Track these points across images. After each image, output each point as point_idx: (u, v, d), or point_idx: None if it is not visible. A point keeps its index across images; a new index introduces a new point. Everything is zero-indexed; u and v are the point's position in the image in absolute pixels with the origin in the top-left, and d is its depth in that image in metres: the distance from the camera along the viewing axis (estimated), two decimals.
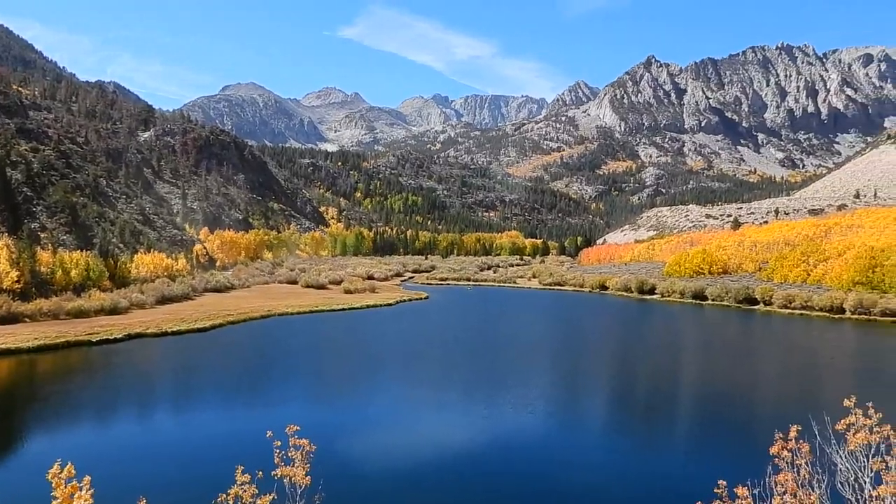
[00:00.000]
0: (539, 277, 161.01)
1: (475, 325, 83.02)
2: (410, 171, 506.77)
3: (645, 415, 40.23)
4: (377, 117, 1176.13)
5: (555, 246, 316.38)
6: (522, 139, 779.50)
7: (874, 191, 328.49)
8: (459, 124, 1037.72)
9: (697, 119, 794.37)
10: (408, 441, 32.97)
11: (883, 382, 48.04)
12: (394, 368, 53.44)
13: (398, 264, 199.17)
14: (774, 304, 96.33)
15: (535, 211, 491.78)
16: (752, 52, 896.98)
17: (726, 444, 32.52)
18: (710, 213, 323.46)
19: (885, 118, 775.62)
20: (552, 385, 48.50)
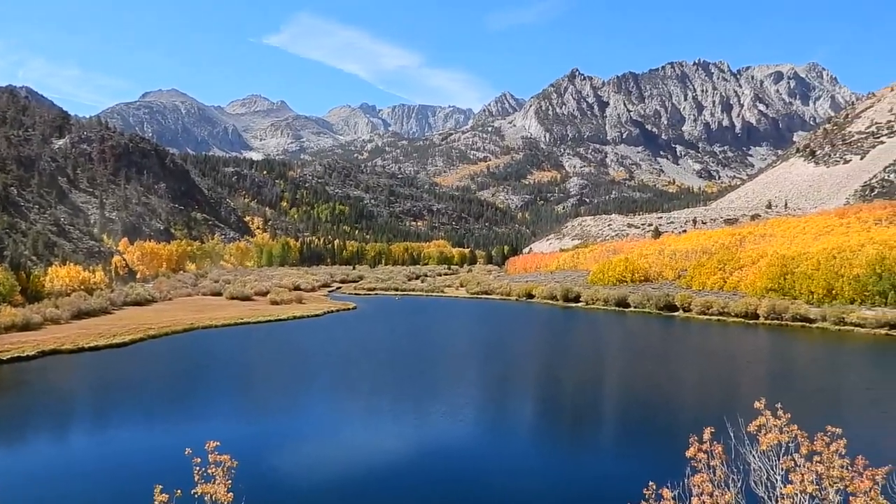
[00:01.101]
0: (467, 286, 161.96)
1: (404, 335, 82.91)
2: (338, 180, 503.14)
3: (572, 420, 40.95)
4: (303, 126, 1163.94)
5: (482, 255, 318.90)
6: (450, 149, 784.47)
7: (784, 201, 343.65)
8: (387, 134, 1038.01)
9: (619, 131, 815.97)
10: (337, 452, 32.66)
11: (792, 384, 50.24)
12: (322, 379, 52.86)
13: (325, 274, 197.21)
14: (693, 310, 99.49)
15: (462, 220, 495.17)
16: (671, 67, 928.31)
17: (650, 446, 33.37)
18: (632, 222, 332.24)
19: (794, 132, 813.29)
20: (481, 392, 48.85)
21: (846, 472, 9.41)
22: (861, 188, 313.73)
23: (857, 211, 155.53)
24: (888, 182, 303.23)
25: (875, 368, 60.23)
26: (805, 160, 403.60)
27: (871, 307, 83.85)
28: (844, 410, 41.29)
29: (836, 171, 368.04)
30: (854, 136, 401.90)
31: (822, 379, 53.89)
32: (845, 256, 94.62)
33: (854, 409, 42.02)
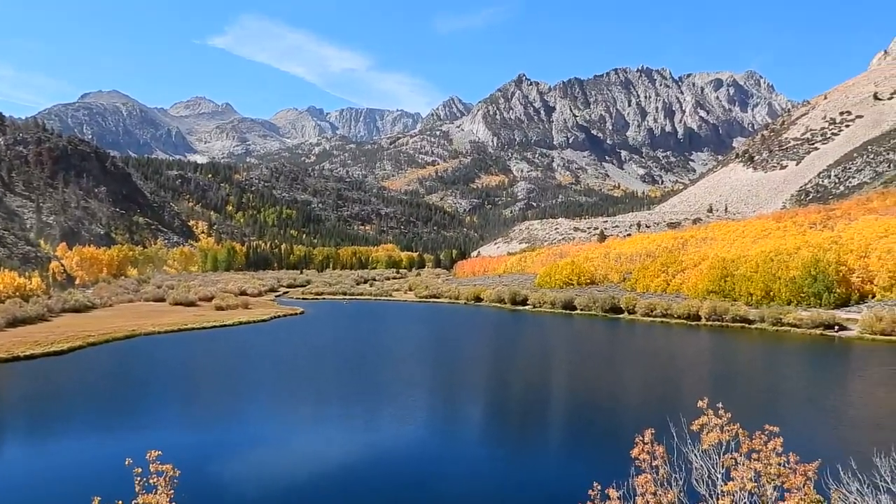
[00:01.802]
0: (415, 290, 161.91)
1: (352, 339, 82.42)
2: (284, 183, 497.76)
3: (521, 422, 41.27)
4: (250, 129, 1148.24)
5: (430, 259, 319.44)
6: (398, 153, 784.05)
7: (725, 205, 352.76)
8: (335, 137, 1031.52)
9: (565, 136, 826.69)
10: (283, 459, 32.29)
11: (733, 384, 51.60)
12: (269, 386, 52.16)
13: (272, 279, 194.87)
14: (638, 312, 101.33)
15: (410, 224, 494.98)
16: (616, 73, 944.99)
17: (597, 447, 33.87)
18: (579, 226, 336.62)
19: (733, 138, 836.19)
20: (431, 395, 48.89)
21: (782, 469, 9.77)
22: (797, 193, 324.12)
23: (794, 215, 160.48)
24: (822, 187, 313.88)
25: (810, 368, 62.27)
26: (744, 165, 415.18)
27: (807, 308, 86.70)
28: (782, 409, 42.57)
29: (774, 177, 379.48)
30: (790, 142, 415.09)
31: (761, 378, 55.46)
32: (782, 259, 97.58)
33: (791, 408, 43.37)
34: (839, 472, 11.32)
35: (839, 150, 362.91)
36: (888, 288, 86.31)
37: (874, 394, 48.16)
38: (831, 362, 64.54)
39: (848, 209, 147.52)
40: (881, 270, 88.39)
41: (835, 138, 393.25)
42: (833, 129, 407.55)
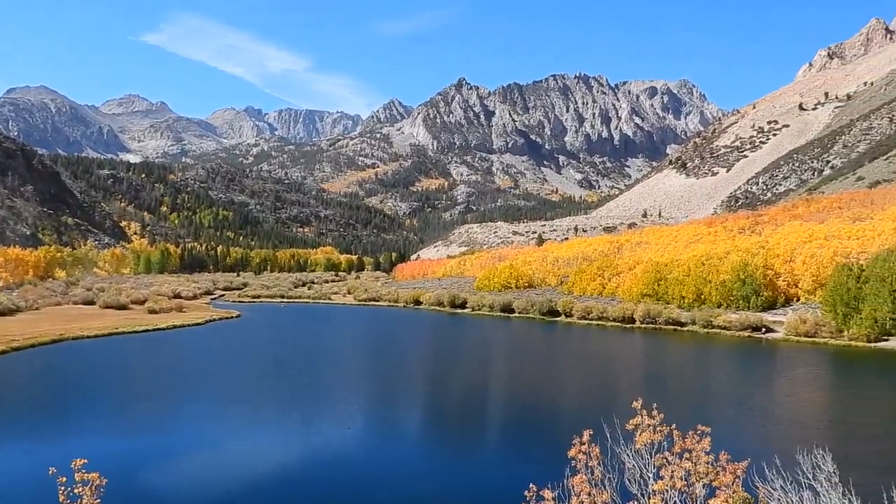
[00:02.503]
0: (354, 293, 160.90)
1: (290, 343, 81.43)
2: (221, 184, 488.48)
3: (459, 424, 41.44)
4: (185, 128, 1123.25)
5: (370, 262, 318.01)
6: (338, 155, 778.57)
7: (659, 211, 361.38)
8: (273, 138, 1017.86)
9: (505, 140, 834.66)
10: (218, 466, 31.66)
11: (666, 384, 52.90)
12: (203, 390, 51.09)
13: (208, 282, 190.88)
14: (574, 315, 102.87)
15: (350, 227, 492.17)
16: (554, 79, 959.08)
17: (534, 449, 34.23)
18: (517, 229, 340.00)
19: (667, 145, 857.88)
20: (370, 399, 48.66)
21: (711, 468, 10.08)
22: (727, 199, 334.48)
23: (724, 220, 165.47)
24: (751, 193, 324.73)
25: (739, 369, 64.28)
26: (677, 172, 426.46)
27: (736, 311, 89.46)
28: (712, 409, 43.82)
29: (705, 183, 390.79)
30: (721, 149, 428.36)
31: (693, 379, 57.01)
32: (713, 263, 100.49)
33: (721, 408, 44.68)
34: (765, 470, 11.74)
35: (767, 158, 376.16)
36: (812, 291, 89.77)
37: (798, 394, 50.01)
38: (759, 363, 66.75)
39: (775, 215, 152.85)
40: (805, 274, 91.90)
41: (763, 147, 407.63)
42: (761, 137, 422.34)
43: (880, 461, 30.09)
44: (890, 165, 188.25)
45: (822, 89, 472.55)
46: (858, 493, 11.14)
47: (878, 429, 38.76)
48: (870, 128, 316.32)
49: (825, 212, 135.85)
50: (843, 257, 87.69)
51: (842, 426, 39.84)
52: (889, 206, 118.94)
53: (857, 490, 11.19)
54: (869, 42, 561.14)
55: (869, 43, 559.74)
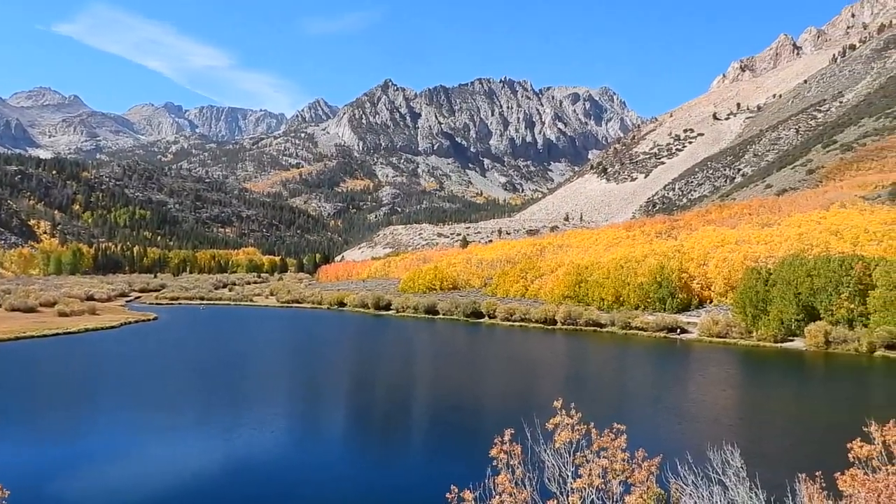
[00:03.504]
0: (277, 295, 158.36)
1: (210, 346, 79.51)
2: (138, 182, 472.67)
3: (383, 426, 41.34)
4: (100, 123, 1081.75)
5: (293, 263, 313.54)
6: (261, 154, 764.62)
7: (580, 214, 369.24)
8: (194, 136, 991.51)
9: (430, 142, 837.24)
10: (133, 474, 30.63)
11: (586, 384, 54.12)
12: (118, 396, 49.34)
13: (123, 283, 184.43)
14: (498, 317, 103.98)
15: (273, 227, 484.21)
16: (480, 83, 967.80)
17: (457, 449, 34.46)
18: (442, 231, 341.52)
19: (589, 150, 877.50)
20: (293, 402, 48.02)
21: (627, 466, 10.40)
22: (645, 203, 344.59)
23: (642, 224, 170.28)
24: (667, 199, 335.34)
25: (655, 368, 66.30)
26: (598, 177, 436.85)
27: (653, 312, 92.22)
28: (630, 407, 45.06)
29: (625, 188, 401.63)
30: (639, 156, 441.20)
31: (612, 379, 58.49)
32: (631, 266, 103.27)
33: (638, 406, 45.99)
34: (678, 466, 12.17)
35: (683, 165, 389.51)
36: (723, 294, 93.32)
37: (710, 392, 51.94)
38: (674, 363, 69.00)
39: (690, 220, 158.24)
40: (718, 277, 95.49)
41: (679, 154, 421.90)
42: (677, 145, 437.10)
43: (785, 456, 31.60)
44: (796, 174, 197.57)
45: (734, 100, 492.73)
46: (765, 486, 11.70)
47: (783, 425, 40.70)
48: (778, 138, 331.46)
49: (736, 217, 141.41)
50: (753, 261, 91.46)
51: (751, 423, 41.65)
52: (794, 212, 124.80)
53: (764, 484, 11.74)
54: (778, 56, 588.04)
55: (778, 57, 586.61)
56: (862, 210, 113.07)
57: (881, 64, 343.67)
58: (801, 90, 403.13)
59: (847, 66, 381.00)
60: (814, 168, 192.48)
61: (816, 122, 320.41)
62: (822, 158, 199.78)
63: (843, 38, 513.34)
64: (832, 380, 58.41)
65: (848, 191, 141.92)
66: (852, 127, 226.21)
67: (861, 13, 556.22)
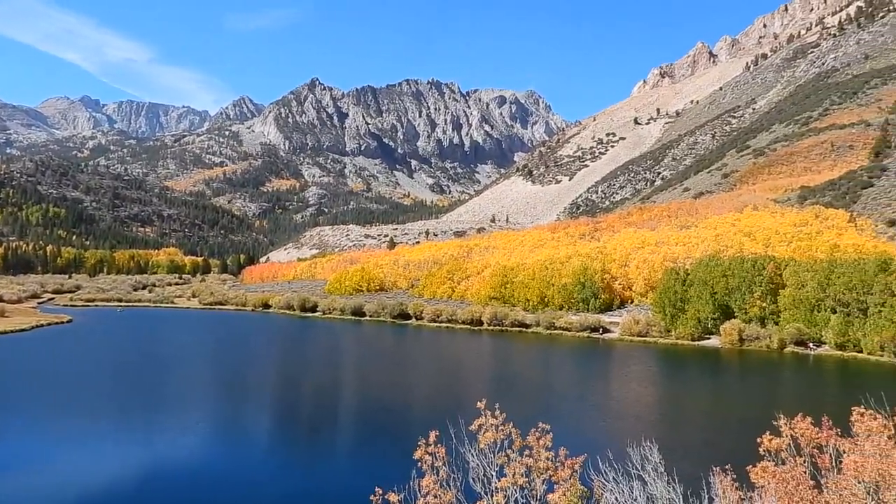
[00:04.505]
0: (199, 297, 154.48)
1: (128, 349, 76.83)
2: (52, 179, 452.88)
3: (309, 428, 40.85)
4: (11, 116, 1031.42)
5: (216, 264, 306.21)
6: (183, 151, 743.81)
7: (506, 216, 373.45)
8: (112, 131, 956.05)
9: (358, 143, 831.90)
10: (47, 482, 29.34)
11: (512, 384, 54.74)
12: (30, 402, 47.17)
13: (35, 284, 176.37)
14: (425, 318, 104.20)
15: (195, 227, 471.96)
16: (407, 84, 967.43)
17: (384, 451, 34.34)
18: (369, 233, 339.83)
19: (515, 153, 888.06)
20: (216, 406, 46.93)
21: (551, 464, 10.57)
22: (569, 206, 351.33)
23: (566, 226, 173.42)
24: (591, 201, 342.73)
25: (579, 367, 67.68)
26: (524, 179, 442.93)
27: (577, 312, 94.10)
28: (555, 406, 45.83)
29: (549, 190, 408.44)
30: (564, 159, 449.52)
31: (537, 378, 59.35)
32: (555, 267, 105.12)
33: (563, 404, 46.83)
34: (599, 463, 12.44)
35: (605, 168, 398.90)
36: (644, 294, 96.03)
37: (633, 389, 53.35)
38: (597, 362, 70.58)
39: (612, 222, 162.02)
40: (638, 278, 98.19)
41: (602, 157, 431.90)
42: (600, 148, 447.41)
43: (702, 450, 32.70)
44: (712, 178, 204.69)
45: (654, 105, 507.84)
46: (682, 480, 12.07)
47: (700, 420, 42.17)
48: (695, 143, 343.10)
49: (656, 220, 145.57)
50: (672, 262, 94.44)
51: (669, 419, 42.97)
52: (711, 215, 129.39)
53: (681, 478, 12.11)
54: (695, 64, 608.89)
55: (695, 65, 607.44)
56: (773, 213, 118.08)
57: (790, 73, 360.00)
58: (717, 97, 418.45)
59: (759, 75, 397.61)
60: (728, 172, 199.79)
61: (731, 127, 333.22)
62: (737, 163, 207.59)
63: (756, 47, 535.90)
64: (745, 376, 60.82)
65: (760, 194, 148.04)
66: (764, 133, 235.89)
67: (772, 24, 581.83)
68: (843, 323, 66.70)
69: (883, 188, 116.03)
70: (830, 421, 11.48)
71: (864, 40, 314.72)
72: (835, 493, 10.20)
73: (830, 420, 11.51)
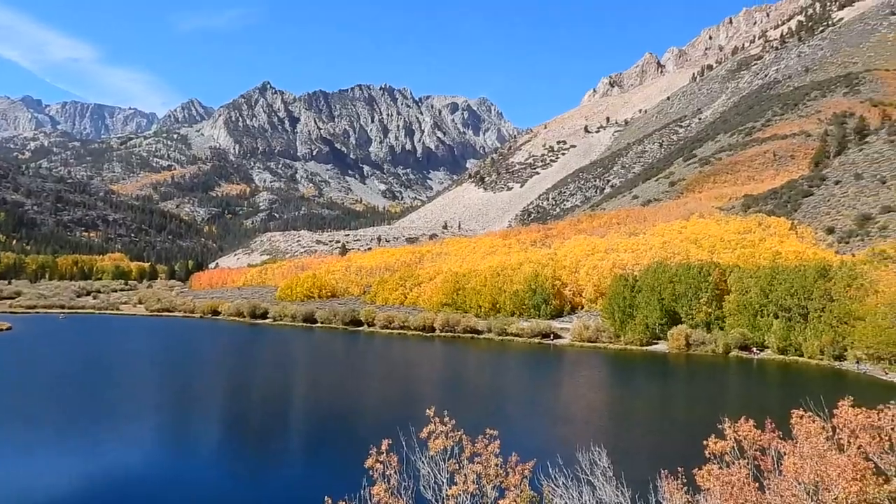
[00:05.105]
0: (146, 303, 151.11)
1: (71, 357, 74.63)
2: None
3: (259, 437, 40.25)
4: None
5: (164, 270, 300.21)
6: (130, 154, 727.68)
7: (458, 223, 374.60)
8: (55, 133, 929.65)
9: (310, 148, 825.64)
10: None
11: (463, 390, 54.87)
12: None
13: None
14: (377, 324, 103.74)
15: (142, 232, 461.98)
16: (360, 89, 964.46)
17: (335, 460, 34.05)
18: (321, 239, 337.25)
19: (467, 160, 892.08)
20: (162, 415, 45.90)
21: (500, 470, 10.62)
22: (521, 213, 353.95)
23: (518, 233, 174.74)
24: (542, 208, 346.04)
25: (530, 373, 68.17)
26: (476, 186, 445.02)
27: (528, 319, 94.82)
28: (506, 412, 46.06)
29: (501, 197, 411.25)
30: (515, 166, 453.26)
31: (488, 385, 59.58)
32: (507, 274, 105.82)
33: (514, 410, 47.09)
34: (549, 469, 12.54)
35: (556, 176, 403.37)
36: (594, 300, 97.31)
37: (583, 394, 53.98)
38: (548, 368, 71.18)
39: (563, 229, 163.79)
40: (588, 284, 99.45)
41: (553, 165, 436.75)
42: (551, 156, 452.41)
43: (650, 453, 33.23)
44: (660, 186, 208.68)
45: (604, 114, 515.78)
46: (630, 484, 12.24)
47: (648, 424, 42.85)
48: (643, 151, 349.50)
49: (606, 227, 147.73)
50: (621, 269, 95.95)
51: (618, 423, 43.57)
52: (658, 222, 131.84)
53: (629, 482, 12.29)
54: (644, 74, 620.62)
55: (644, 75, 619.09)
56: (718, 220, 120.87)
57: (735, 84, 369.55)
58: (665, 106, 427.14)
59: (705, 85, 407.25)
60: (675, 180, 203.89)
61: (678, 136, 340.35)
62: (683, 171, 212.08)
63: (702, 58, 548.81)
64: (692, 380, 62.07)
65: (706, 202, 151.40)
66: (710, 142, 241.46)
67: (717, 36, 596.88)
68: (784, 328, 68.57)
69: (822, 197, 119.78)
70: (773, 424, 11.79)
71: (805, 53, 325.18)
72: (776, 495, 10.48)
73: (773, 423, 11.82)
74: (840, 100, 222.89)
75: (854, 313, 62.83)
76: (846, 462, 10.06)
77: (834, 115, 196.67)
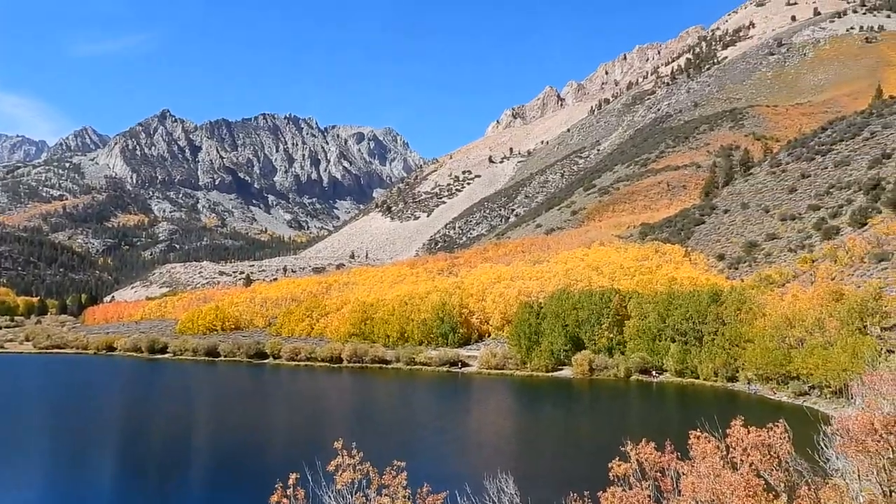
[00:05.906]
0: (34, 340, 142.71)
1: None
2: None
3: (159, 479, 38.56)
4: None
5: (55, 304, 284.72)
6: (17, 184, 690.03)
7: (366, 252, 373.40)
8: None
9: (212, 177, 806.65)
10: None
11: (372, 421, 54.29)
12: None
13: None
14: (283, 357, 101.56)
15: (30, 265, 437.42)
16: (264, 118, 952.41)
17: (241, 496, 32.97)
18: (224, 269, 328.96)
19: (374, 189, 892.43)
20: (54, 459, 43.31)
21: (408, 502, 10.56)
22: (428, 242, 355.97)
23: (425, 262, 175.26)
24: (448, 237, 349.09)
25: (439, 401, 68.25)
26: (383, 215, 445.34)
27: (436, 347, 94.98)
28: (416, 441, 45.86)
29: (408, 226, 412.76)
30: (422, 195, 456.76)
31: (397, 415, 59.22)
32: (415, 303, 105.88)
33: (424, 440, 46.92)
34: (457, 498, 12.56)
35: (462, 205, 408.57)
36: (500, 327, 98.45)
37: (492, 421, 54.39)
38: (456, 396, 71.45)
39: (469, 258, 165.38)
40: (495, 312, 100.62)
41: (458, 194, 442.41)
42: (457, 185, 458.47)
43: (556, 477, 33.74)
44: (562, 215, 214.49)
45: (507, 145, 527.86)
46: None
47: (554, 448, 43.57)
48: (546, 181, 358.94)
49: (511, 255, 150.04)
50: (526, 296, 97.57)
51: (526, 449, 44.11)
52: (561, 250, 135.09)
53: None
54: (545, 106, 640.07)
55: (545, 107, 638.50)
56: (618, 248, 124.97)
57: (630, 117, 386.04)
58: (565, 138, 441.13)
59: (603, 118, 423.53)
60: (577, 209, 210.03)
61: (578, 167, 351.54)
62: (584, 200, 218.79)
63: (599, 92, 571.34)
64: (596, 404, 63.61)
65: (606, 230, 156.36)
66: (608, 172, 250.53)
67: (613, 71, 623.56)
68: (681, 351, 71.25)
69: (713, 225, 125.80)
70: (672, 445, 12.22)
71: (694, 89, 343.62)
72: None
73: (672, 444, 12.25)
74: (727, 133, 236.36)
75: (744, 336, 65.93)
76: (739, 480, 10.53)
77: (721, 147, 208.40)
